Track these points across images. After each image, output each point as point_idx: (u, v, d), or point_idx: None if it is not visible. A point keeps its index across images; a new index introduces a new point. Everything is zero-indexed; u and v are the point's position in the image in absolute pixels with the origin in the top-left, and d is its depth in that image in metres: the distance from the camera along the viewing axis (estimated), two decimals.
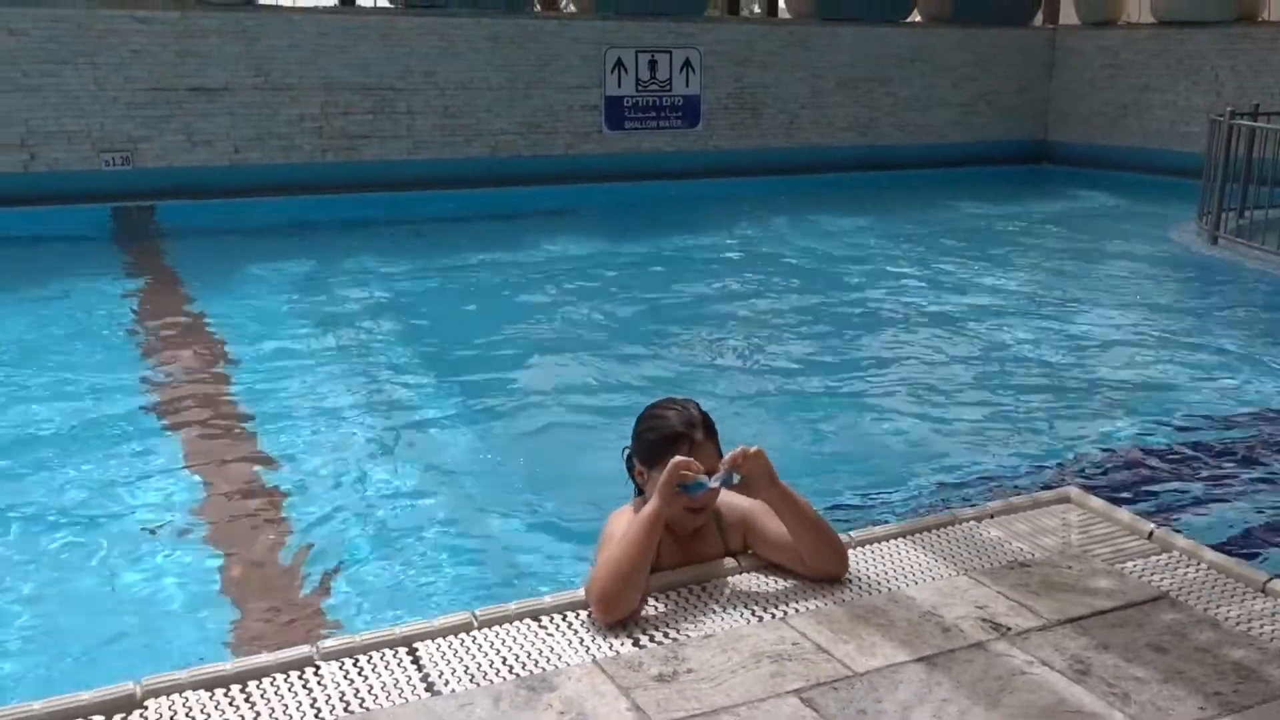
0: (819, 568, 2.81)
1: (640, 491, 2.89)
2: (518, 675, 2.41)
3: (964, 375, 6.53)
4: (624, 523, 2.78)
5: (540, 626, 2.62)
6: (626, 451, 2.93)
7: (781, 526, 2.82)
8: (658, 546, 2.79)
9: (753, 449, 2.77)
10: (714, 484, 2.75)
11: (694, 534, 2.91)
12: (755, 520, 2.88)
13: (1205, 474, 4.98)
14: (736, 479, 2.75)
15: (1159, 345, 7.27)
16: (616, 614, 2.61)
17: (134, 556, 4.08)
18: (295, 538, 4.26)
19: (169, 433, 5.42)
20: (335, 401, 5.91)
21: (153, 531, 4.28)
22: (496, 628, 2.60)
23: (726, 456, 2.80)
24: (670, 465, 2.72)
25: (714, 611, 2.69)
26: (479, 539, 4.29)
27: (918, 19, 17.01)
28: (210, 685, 2.35)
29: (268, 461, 5.06)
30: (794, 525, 2.80)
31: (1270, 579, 2.84)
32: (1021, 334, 7.51)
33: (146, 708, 2.28)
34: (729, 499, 2.91)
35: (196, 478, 4.83)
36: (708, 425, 2.87)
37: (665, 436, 2.81)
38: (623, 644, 2.54)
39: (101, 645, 3.50)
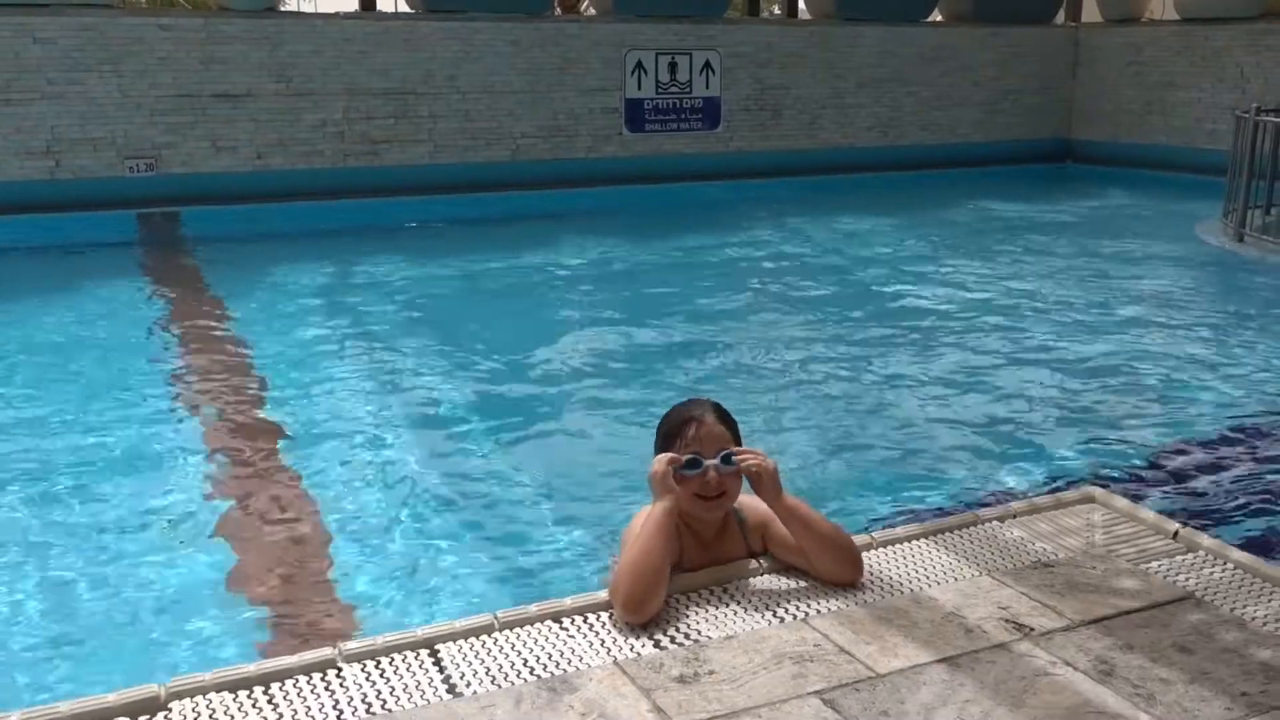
0: (829, 576, 2.81)
1: None
2: (539, 676, 2.41)
3: (987, 374, 6.50)
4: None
5: (561, 628, 2.62)
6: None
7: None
8: (681, 548, 2.80)
9: (771, 462, 2.79)
10: (709, 462, 2.76)
11: (718, 535, 2.92)
12: (774, 523, 2.89)
13: (1230, 473, 4.93)
14: (736, 465, 2.78)
15: (1184, 343, 7.21)
16: (644, 615, 2.62)
17: (159, 560, 4.11)
18: (317, 540, 4.28)
19: (194, 436, 5.45)
20: (358, 404, 5.93)
21: (177, 535, 4.31)
22: (518, 629, 2.61)
23: (741, 448, 2.82)
24: (655, 460, 2.75)
25: (735, 612, 2.69)
26: (501, 541, 4.30)
27: (939, 18, 16.94)
28: (234, 687, 2.36)
29: (291, 464, 5.08)
30: (801, 537, 2.82)
31: None
32: (1045, 333, 7.46)
33: (171, 709, 2.29)
34: (751, 501, 2.91)
35: (221, 481, 4.86)
36: (721, 413, 2.89)
37: (676, 423, 2.84)
38: (644, 645, 2.54)
39: (126, 647, 3.53)
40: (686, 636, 2.58)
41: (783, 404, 5.95)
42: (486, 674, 2.43)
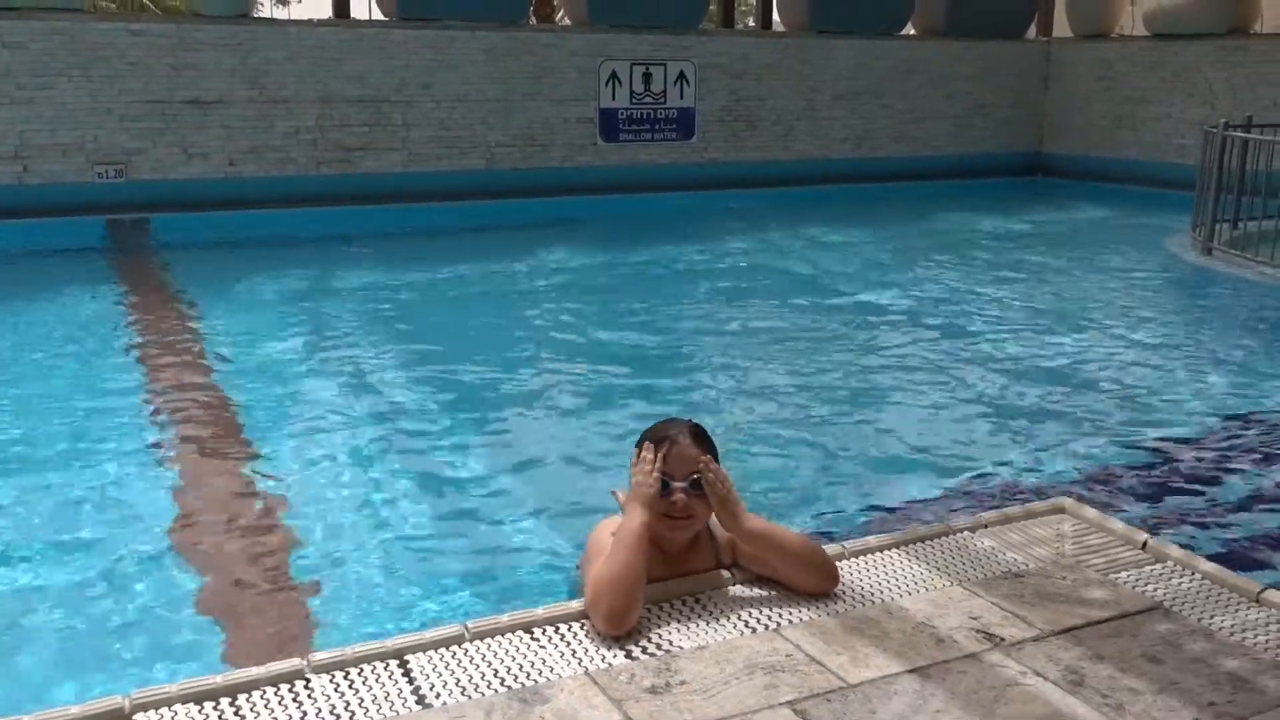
0: (805, 590, 2.81)
1: None
2: (509, 687, 2.40)
3: (958, 386, 6.52)
4: (609, 536, 2.77)
5: (532, 639, 2.61)
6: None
7: None
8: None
9: (732, 495, 2.80)
10: (678, 484, 2.76)
11: (685, 551, 2.90)
12: None
13: (1199, 484, 4.97)
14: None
15: (1153, 356, 7.27)
16: (625, 628, 2.61)
17: (123, 570, 4.06)
18: (286, 550, 4.24)
19: (161, 445, 5.40)
20: (329, 414, 5.89)
21: (144, 545, 4.26)
22: (488, 640, 2.60)
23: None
24: (637, 474, 2.74)
25: (707, 623, 2.68)
26: (472, 551, 4.28)
27: (912, 32, 17.05)
28: (199, 699, 2.33)
29: (260, 474, 5.04)
30: (773, 560, 2.81)
31: (1264, 589, 2.84)
32: (1016, 345, 7.51)
33: None
34: None
35: (188, 490, 4.81)
36: (697, 434, 2.87)
37: (651, 443, 2.82)
38: (615, 656, 2.53)
39: (90, 659, 3.48)
40: (658, 647, 2.57)
41: (753, 415, 5.95)
42: (457, 685, 2.41)
